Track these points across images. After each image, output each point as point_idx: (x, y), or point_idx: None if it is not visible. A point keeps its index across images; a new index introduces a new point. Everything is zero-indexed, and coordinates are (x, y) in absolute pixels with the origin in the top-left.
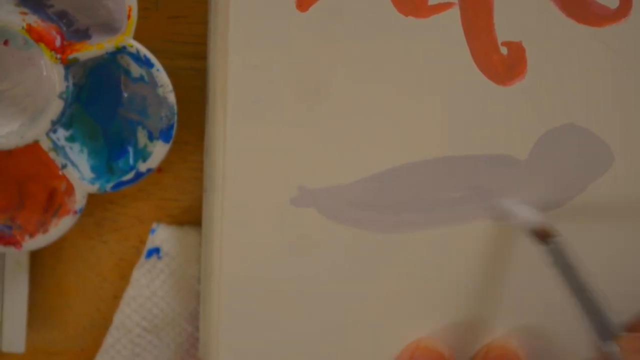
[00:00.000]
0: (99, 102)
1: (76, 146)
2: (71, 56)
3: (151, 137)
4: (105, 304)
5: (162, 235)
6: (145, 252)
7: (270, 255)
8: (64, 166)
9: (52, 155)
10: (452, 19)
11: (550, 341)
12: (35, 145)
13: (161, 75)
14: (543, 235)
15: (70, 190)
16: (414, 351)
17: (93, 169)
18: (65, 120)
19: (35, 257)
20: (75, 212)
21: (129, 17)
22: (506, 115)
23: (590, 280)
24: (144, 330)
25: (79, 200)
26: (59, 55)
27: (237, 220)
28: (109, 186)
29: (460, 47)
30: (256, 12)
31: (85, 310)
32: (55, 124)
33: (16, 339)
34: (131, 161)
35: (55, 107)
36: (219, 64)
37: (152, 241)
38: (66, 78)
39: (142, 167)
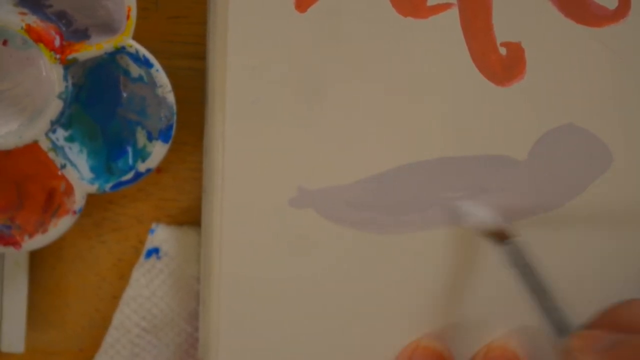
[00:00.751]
0: (98, 102)
1: (75, 146)
2: (70, 56)
3: (150, 137)
4: (105, 304)
5: (162, 236)
6: (144, 252)
7: (270, 255)
8: (63, 166)
9: (51, 155)
10: (451, 19)
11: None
12: (34, 145)
13: (160, 75)
14: (501, 236)
15: (69, 190)
16: (413, 351)
17: (92, 169)
18: (64, 121)
19: (35, 257)
20: (75, 212)
21: (128, 17)
22: (505, 116)
23: (548, 279)
24: (143, 331)
25: (78, 201)
26: (58, 56)
27: (237, 220)
28: (108, 186)
29: (459, 47)
30: (255, 12)
31: (84, 310)
32: (54, 124)
33: (15, 339)
34: (130, 161)
35: (55, 108)
36: (218, 65)
37: (152, 241)
38: (65, 78)
39: (142, 167)
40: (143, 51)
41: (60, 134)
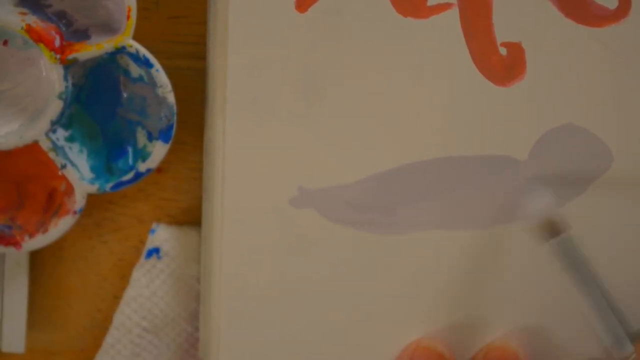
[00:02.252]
0: (98, 102)
1: (75, 146)
2: (70, 56)
3: (150, 138)
4: (105, 304)
5: (162, 236)
6: (145, 252)
7: (270, 255)
8: (64, 166)
9: (51, 155)
10: (451, 19)
11: (550, 341)
12: (34, 145)
13: (161, 75)
14: (552, 230)
15: (69, 190)
16: (414, 351)
17: (92, 169)
18: (64, 121)
19: (35, 257)
20: (75, 212)
21: (128, 17)
22: (506, 116)
23: (603, 280)
24: (144, 331)
25: (79, 201)
26: (58, 56)
27: (237, 220)
28: (108, 186)
29: (459, 47)
30: (255, 12)
31: (85, 310)
32: (54, 124)
33: (16, 339)
34: (130, 161)
35: (55, 108)
36: (218, 64)
37: (152, 241)
38: (65, 78)
39: (142, 167)
40: (143, 51)
41: (61, 134)
